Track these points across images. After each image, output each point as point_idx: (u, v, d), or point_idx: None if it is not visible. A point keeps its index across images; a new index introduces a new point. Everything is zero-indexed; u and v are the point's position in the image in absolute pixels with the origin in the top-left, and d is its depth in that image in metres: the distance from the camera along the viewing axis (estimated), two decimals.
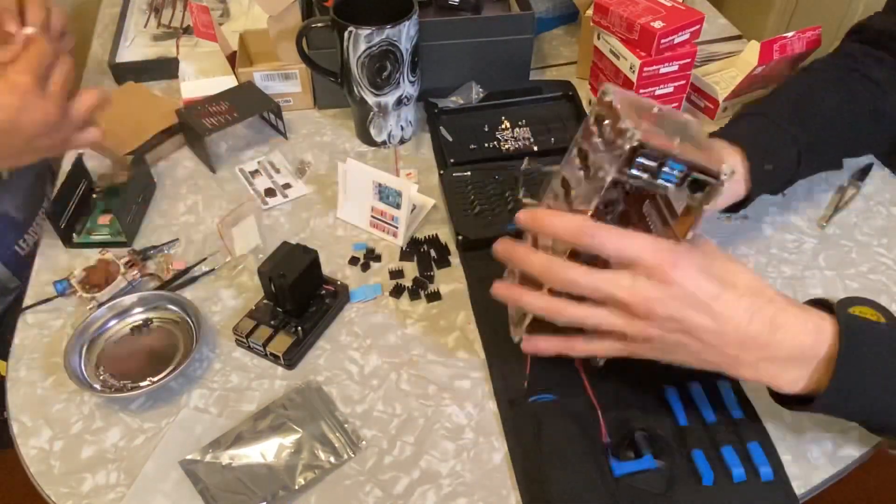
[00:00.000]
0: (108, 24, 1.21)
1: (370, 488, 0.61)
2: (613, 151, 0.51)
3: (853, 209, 0.84)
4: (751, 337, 0.52)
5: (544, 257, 0.54)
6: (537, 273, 0.54)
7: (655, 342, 0.54)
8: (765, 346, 0.53)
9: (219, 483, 0.60)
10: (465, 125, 0.95)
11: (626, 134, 0.49)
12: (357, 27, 0.80)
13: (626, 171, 0.50)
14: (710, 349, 0.53)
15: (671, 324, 0.52)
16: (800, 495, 0.59)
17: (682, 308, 0.51)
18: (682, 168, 0.50)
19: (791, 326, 0.53)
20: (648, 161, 0.50)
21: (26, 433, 0.64)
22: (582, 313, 0.53)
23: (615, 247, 0.51)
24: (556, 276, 0.52)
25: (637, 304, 0.51)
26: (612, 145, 0.51)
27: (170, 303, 0.73)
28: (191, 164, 0.93)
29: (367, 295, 0.76)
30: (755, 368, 0.54)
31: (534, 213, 0.54)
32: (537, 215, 0.54)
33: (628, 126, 0.50)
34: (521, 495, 0.60)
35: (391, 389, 0.68)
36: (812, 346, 0.53)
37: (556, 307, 0.54)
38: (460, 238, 0.79)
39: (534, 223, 0.54)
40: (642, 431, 0.61)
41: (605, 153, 0.52)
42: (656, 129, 0.51)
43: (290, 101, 0.99)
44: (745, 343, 0.53)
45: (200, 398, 0.67)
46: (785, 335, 0.53)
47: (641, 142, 0.49)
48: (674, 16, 0.85)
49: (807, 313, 0.55)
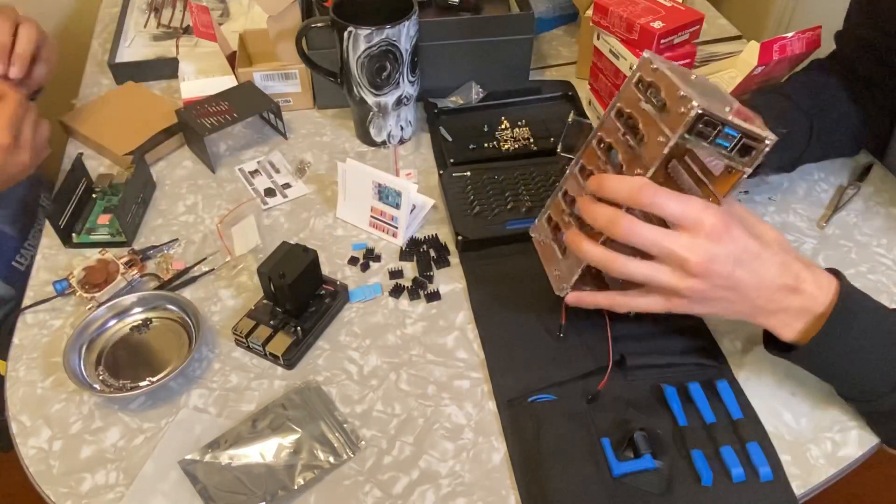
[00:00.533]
0: (108, 24, 1.21)
1: (369, 488, 0.61)
2: (671, 118, 0.55)
3: (853, 209, 0.84)
4: (780, 290, 0.58)
5: (611, 210, 0.56)
6: (602, 223, 0.56)
7: (700, 298, 0.57)
8: (787, 298, 0.58)
9: (218, 483, 0.60)
10: (465, 125, 0.95)
11: (687, 102, 0.53)
12: (357, 27, 0.80)
13: (687, 136, 0.54)
14: (745, 301, 0.58)
15: (721, 280, 0.56)
16: (799, 495, 0.59)
17: (733, 265, 0.55)
18: (736, 134, 0.54)
19: (810, 282, 0.58)
20: (708, 128, 0.54)
21: (25, 433, 0.64)
22: (638, 267, 0.57)
23: (677, 208, 0.54)
24: (622, 226, 0.55)
25: (696, 262, 0.55)
26: (666, 111, 0.55)
27: (169, 303, 0.73)
28: (190, 163, 0.93)
29: (366, 295, 0.76)
30: (773, 317, 0.59)
31: (599, 177, 0.57)
32: (603, 180, 0.57)
33: (689, 94, 0.53)
34: (521, 495, 0.60)
35: (390, 389, 0.68)
36: (822, 302, 0.58)
37: (613, 259, 0.57)
38: (460, 238, 0.79)
39: (599, 188, 0.57)
40: (642, 431, 0.61)
41: (659, 119, 0.56)
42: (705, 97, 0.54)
43: (289, 101, 0.99)
44: (774, 295, 0.58)
45: (200, 398, 0.67)
46: (805, 289, 0.58)
47: (704, 110, 0.52)
48: (673, 16, 0.85)
49: (822, 272, 0.60)
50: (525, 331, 0.71)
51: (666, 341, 0.69)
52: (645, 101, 0.58)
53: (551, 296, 0.67)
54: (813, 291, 0.58)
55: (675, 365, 0.67)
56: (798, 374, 0.66)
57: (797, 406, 0.65)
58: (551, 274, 0.67)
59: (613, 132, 0.61)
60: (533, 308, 0.73)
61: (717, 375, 0.67)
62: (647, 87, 0.59)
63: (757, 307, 0.59)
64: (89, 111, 0.97)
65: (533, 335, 0.70)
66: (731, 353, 0.70)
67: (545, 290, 0.72)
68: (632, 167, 0.58)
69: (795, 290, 0.58)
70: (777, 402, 0.66)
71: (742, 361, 0.69)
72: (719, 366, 0.68)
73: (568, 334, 0.70)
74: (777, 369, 0.68)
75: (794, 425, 0.64)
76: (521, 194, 0.83)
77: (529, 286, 0.74)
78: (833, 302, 0.58)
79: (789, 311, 0.59)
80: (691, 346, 0.69)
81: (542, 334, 0.70)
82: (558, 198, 0.67)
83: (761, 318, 0.60)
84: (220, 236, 0.82)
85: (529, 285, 0.75)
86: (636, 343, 0.68)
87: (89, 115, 0.96)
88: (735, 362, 0.69)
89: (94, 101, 0.99)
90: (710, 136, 0.54)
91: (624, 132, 0.60)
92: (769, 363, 0.68)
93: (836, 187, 0.87)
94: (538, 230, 0.70)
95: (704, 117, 0.53)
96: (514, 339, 0.70)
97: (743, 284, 0.57)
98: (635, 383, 0.67)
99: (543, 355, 0.68)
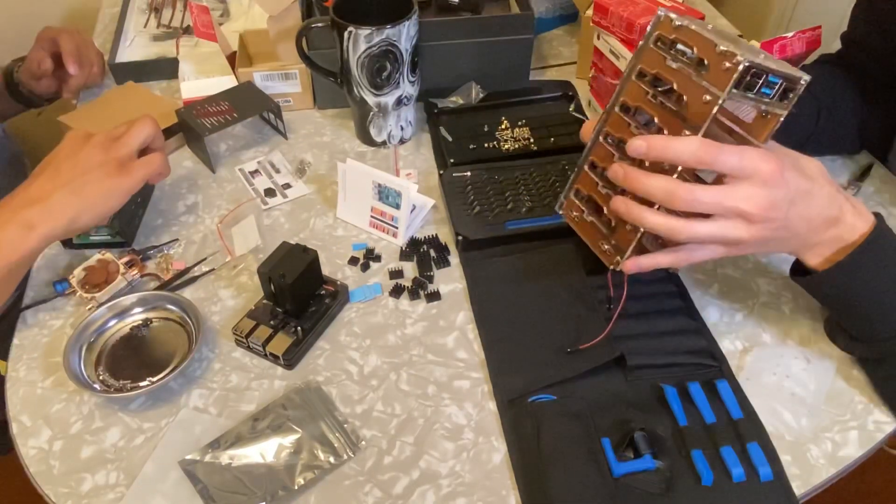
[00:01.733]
0: (108, 23, 1.21)
1: (369, 488, 0.61)
2: (713, 74, 0.53)
3: None
4: (825, 221, 0.60)
5: (665, 180, 0.56)
6: (660, 195, 0.56)
7: (760, 241, 0.58)
8: (830, 229, 0.60)
9: (218, 483, 0.60)
10: (465, 125, 0.95)
11: (731, 56, 0.52)
12: (357, 27, 0.80)
13: (734, 91, 0.53)
14: (797, 238, 0.60)
15: (778, 222, 0.57)
16: (799, 495, 0.59)
17: (788, 206, 0.57)
18: (777, 81, 0.54)
19: (851, 213, 0.61)
20: (754, 79, 0.53)
21: (26, 433, 0.64)
22: (704, 228, 0.57)
23: (737, 161, 0.54)
24: (681, 197, 0.55)
25: (758, 212, 0.55)
26: (705, 68, 0.54)
27: (169, 303, 0.73)
28: (190, 163, 0.93)
29: (366, 295, 0.76)
30: (815, 248, 0.61)
31: (649, 139, 0.56)
32: (653, 142, 0.56)
33: (729, 48, 0.52)
34: (521, 495, 0.60)
35: (391, 389, 0.68)
36: (858, 232, 0.60)
37: (676, 225, 0.57)
38: (460, 238, 0.79)
39: (651, 150, 0.56)
40: (642, 431, 0.61)
41: (698, 76, 0.55)
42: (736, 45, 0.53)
43: (289, 101, 0.99)
44: (820, 227, 0.60)
45: (200, 398, 0.67)
46: (846, 220, 0.60)
47: (751, 62, 0.51)
48: None
49: (861, 205, 0.62)
50: (525, 331, 0.71)
51: (666, 341, 0.69)
52: (672, 59, 0.57)
53: (552, 294, 0.67)
54: (853, 222, 0.60)
55: (675, 365, 0.67)
56: (798, 374, 0.67)
57: (797, 406, 0.65)
58: (599, 250, 0.65)
59: (640, 96, 0.60)
60: (533, 308, 0.73)
61: (717, 375, 0.67)
62: (669, 44, 0.57)
63: (804, 242, 0.61)
64: (89, 111, 0.97)
65: (533, 335, 0.70)
66: (731, 353, 0.70)
67: (545, 289, 0.73)
68: (676, 130, 0.57)
69: (838, 221, 0.60)
70: (777, 402, 0.66)
71: (742, 361, 0.69)
72: (719, 366, 0.68)
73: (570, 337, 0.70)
74: (777, 369, 0.68)
75: (794, 425, 0.64)
76: (521, 194, 0.83)
77: (529, 286, 0.75)
78: (867, 233, 0.60)
79: (828, 241, 0.61)
80: (691, 346, 0.69)
81: (543, 334, 0.70)
82: (585, 170, 0.65)
83: (804, 251, 0.62)
84: (221, 236, 0.82)
85: (529, 285, 0.75)
86: (636, 343, 0.68)
87: (89, 115, 0.96)
88: (735, 362, 0.69)
89: (95, 101, 0.99)
90: (755, 87, 0.54)
91: (654, 94, 0.58)
92: (769, 363, 0.68)
93: None
94: (569, 208, 0.68)
95: (752, 69, 0.52)
96: (515, 339, 0.70)
97: (796, 223, 0.58)
98: (635, 383, 0.67)
99: (543, 355, 0.68)
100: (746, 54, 0.52)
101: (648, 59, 0.59)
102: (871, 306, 0.62)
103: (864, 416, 0.65)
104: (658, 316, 0.71)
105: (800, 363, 0.68)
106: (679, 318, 0.72)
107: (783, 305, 0.74)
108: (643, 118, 0.60)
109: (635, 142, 0.56)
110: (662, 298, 0.74)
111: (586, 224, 0.66)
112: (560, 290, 0.74)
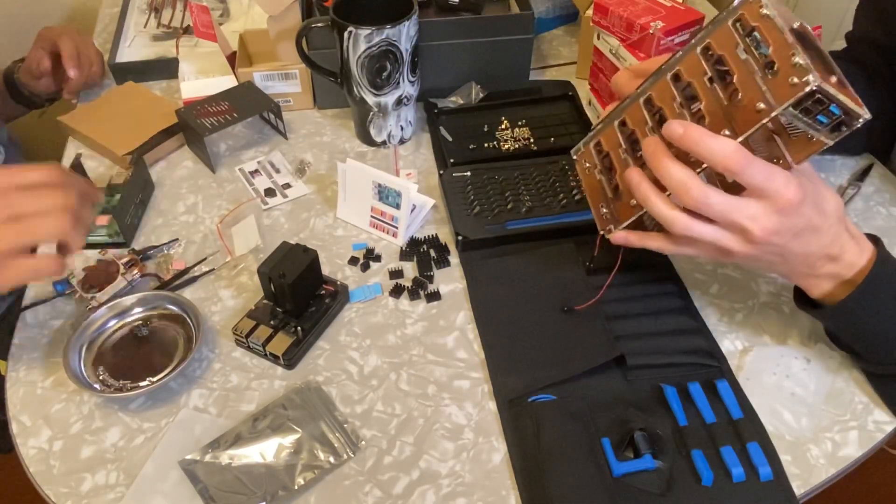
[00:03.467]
0: (108, 23, 1.21)
1: (370, 488, 0.61)
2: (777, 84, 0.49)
3: (853, 209, 0.84)
4: (822, 258, 0.59)
5: (685, 173, 0.54)
6: (675, 185, 0.55)
7: (751, 258, 0.58)
8: (827, 265, 0.60)
9: (218, 483, 0.60)
10: (465, 125, 0.95)
11: (803, 73, 0.48)
12: (357, 27, 0.80)
13: (791, 110, 0.49)
14: (788, 265, 0.60)
15: (776, 248, 0.57)
16: (799, 495, 0.59)
17: (794, 238, 0.56)
18: (838, 113, 0.50)
19: (853, 251, 0.60)
20: (816, 105, 0.49)
21: (26, 433, 0.64)
22: (702, 230, 0.56)
23: (760, 181, 0.53)
24: (693, 196, 0.54)
25: (760, 234, 0.55)
26: (773, 73, 0.50)
27: (169, 303, 0.73)
28: (191, 163, 0.93)
29: (366, 295, 0.76)
30: (808, 278, 0.61)
31: (687, 127, 0.53)
32: (690, 131, 0.53)
33: (805, 64, 0.48)
34: (521, 495, 0.60)
35: (391, 389, 0.68)
36: (857, 269, 0.60)
37: (676, 217, 0.56)
38: (460, 238, 0.79)
39: (685, 139, 0.53)
40: (642, 431, 0.61)
41: (762, 79, 0.50)
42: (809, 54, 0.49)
43: (290, 101, 0.99)
44: (816, 262, 0.59)
45: (200, 398, 0.67)
46: (845, 258, 0.59)
47: (819, 87, 0.47)
48: (674, 16, 0.85)
49: (864, 240, 0.61)
50: (525, 330, 0.71)
51: (666, 341, 0.69)
52: (744, 48, 0.52)
53: (552, 294, 0.66)
54: (852, 260, 0.60)
55: (675, 365, 0.67)
56: (798, 374, 0.67)
57: (797, 406, 0.65)
58: (597, 210, 0.63)
59: (697, 73, 0.55)
60: (533, 308, 0.73)
61: (717, 375, 0.67)
62: (748, 30, 0.52)
63: (795, 271, 0.61)
64: (89, 111, 0.97)
65: (533, 335, 0.70)
66: (731, 353, 0.70)
67: (545, 289, 0.73)
68: (718, 125, 0.53)
69: (837, 259, 0.59)
70: (777, 402, 0.65)
71: (742, 361, 0.69)
72: (719, 366, 0.68)
73: (568, 328, 0.70)
74: (777, 369, 0.68)
75: (794, 425, 0.64)
76: (521, 194, 0.83)
77: (529, 286, 0.74)
78: (867, 268, 0.59)
79: (824, 276, 0.60)
80: (691, 346, 0.69)
81: (543, 334, 0.70)
82: (613, 126, 0.62)
83: (797, 280, 0.62)
84: (221, 236, 0.82)
85: (529, 285, 0.75)
86: (636, 343, 0.68)
87: (89, 116, 0.96)
88: (735, 362, 0.69)
89: (94, 102, 0.99)
90: (813, 112, 0.50)
91: (711, 77, 0.54)
92: (769, 363, 0.68)
93: (837, 187, 0.87)
94: (584, 157, 0.65)
95: (817, 94, 0.48)
96: (515, 339, 0.70)
97: (793, 253, 0.58)
98: (635, 383, 0.67)
99: (543, 355, 0.68)
100: (817, 78, 0.47)
101: (720, 37, 0.54)
102: (876, 337, 0.62)
103: (864, 416, 0.65)
104: (658, 316, 0.71)
105: (800, 363, 0.68)
106: (679, 317, 0.72)
107: (783, 305, 0.74)
108: (689, 95, 0.56)
109: (673, 124, 0.54)
110: (662, 298, 0.74)
111: (594, 179, 0.64)
112: (560, 290, 0.74)
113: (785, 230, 0.55)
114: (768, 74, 0.50)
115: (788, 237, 0.56)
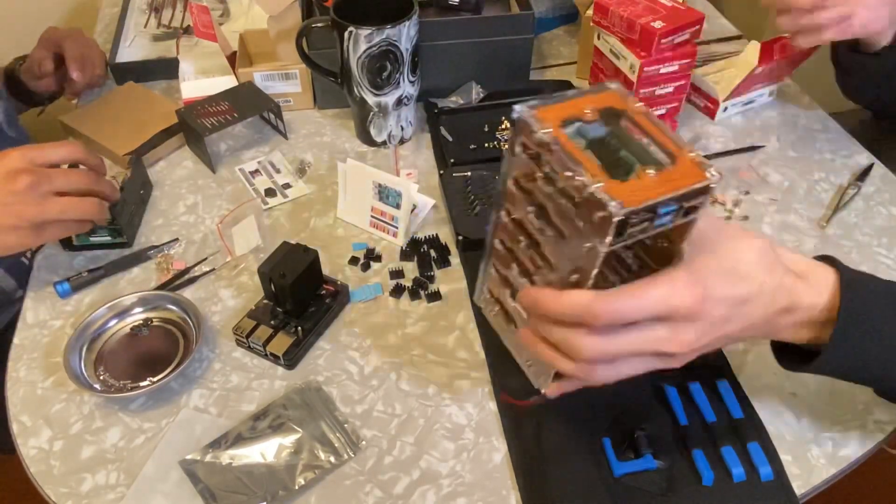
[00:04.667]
0: (108, 23, 1.21)
1: (370, 488, 0.60)
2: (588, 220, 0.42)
3: (853, 209, 0.84)
4: (775, 316, 0.52)
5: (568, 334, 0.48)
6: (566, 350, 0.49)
7: (698, 353, 0.51)
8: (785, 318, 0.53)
9: (219, 483, 0.60)
10: (465, 125, 0.95)
11: (605, 207, 0.39)
12: (357, 27, 0.80)
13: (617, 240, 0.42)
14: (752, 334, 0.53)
15: (711, 341, 0.51)
16: (800, 495, 0.59)
17: (725, 325, 0.50)
18: (673, 208, 0.42)
19: (806, 294, 0.53)
20: (643, 221, 0.42)
21: (26, 433, 0.64)
22: (619, 373, 0.50)
23: (638, 310, 0.46)
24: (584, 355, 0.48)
25: (680, 350, 0.49)
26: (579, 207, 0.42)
27: (170, 303, 0.73)
28: (191, 164, 0.93)
29: (367, 295, 0.76)
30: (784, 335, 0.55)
31: (538, 295, 0.48)
32: (539, 300, 0.48)
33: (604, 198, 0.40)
34: (521, 495, 0.60)
35: (391, 389, 0.68)
36: (824, 306, 0.53)
37: (589, 371, 0.49)
38: (460, 238, 0.79)
39: (536, 307, 0.49)
40: (642, 431, 0.61)
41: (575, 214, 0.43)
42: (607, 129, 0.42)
43: (290, 101, 0.99)
44: (771, 322, 0.52)
45: (200, 398, 0.67)
46: (802, 303, 0.53)
47: (627, 214, 0.40)
48: (674, 16, 0.85)
49: (819, 272, 0.54)
50: None
51: None
52: (543, 179, 0.43)
53: None
54: (811, 301, 0.53)
55: None
56: (798, 374, 0.66)
57: (798, 406, 0.65)
58: (523, 364, 0.55)
59: (521, 209, 0.47)
60: None
61: (718, 375, 0.67)
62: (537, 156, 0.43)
63: (762, 335, 0.55)
64: (89, 111, 0.97)
65: None
66: (731, 353, 0.70)
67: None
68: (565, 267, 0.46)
69: (792, 310, 0.53)
70: (778, 402, 0.66)
71: (742, 361, 0.69)
72: (719, 366, 0.68)
73: None
74: (777, 369, 0.68)
75: (794, 425, 0.64)
76: None
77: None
78: (836, 299, 0.53)
79: (790, 328, 0.54)
80: None
81: None
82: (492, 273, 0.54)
83: (770, 337, 0.57)
84: (221, 236, 0.82)
85: None
86: None
87: (89, 116, 0.96)
88: (735, 362, 0.69)
89: (95, 102, 0.99)
90: (647, 221, 0.42)
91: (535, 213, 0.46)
92: (769, 363, 0.68)
93: (837, 187, 0.87)
94: (488, 304, 0.56)
95: (632, 218, 0.40)
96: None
97: (736, 333, 0.51)
98: (635, 383, 0.66)
99: None
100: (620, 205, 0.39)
101: (520, 168, 0.45)
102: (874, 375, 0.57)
103: (864, 416, 0.65)
104: None
105: None
106: None
107: None
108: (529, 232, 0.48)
109: (523, 296, 0.49)
110: None
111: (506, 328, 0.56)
112: None
113: (707, 328, 0.49)
114: (576, 208, 0.42)
115: (717, 330, 0.49)
